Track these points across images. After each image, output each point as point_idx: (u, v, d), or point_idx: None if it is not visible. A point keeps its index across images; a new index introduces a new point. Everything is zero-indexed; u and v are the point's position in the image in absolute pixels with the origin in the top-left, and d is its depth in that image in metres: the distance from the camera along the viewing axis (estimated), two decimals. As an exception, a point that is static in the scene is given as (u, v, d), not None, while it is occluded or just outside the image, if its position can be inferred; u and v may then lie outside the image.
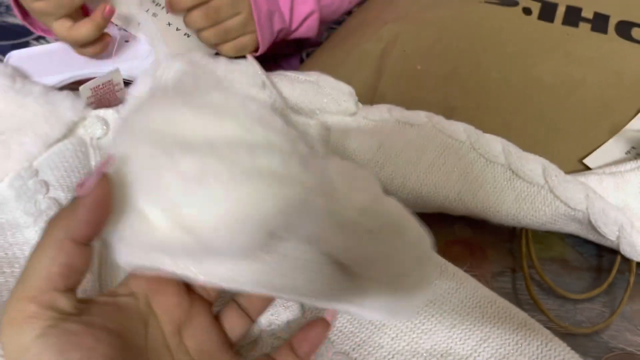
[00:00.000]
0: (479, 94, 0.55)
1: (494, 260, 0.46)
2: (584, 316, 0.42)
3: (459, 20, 0.61)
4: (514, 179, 0.43)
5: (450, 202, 0.44)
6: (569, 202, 0.41)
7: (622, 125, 0.51)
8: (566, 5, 0.62)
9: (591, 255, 0.47)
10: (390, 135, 0.48)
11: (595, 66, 0.55)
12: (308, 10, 0.64)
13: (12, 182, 0.40)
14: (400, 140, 0.47)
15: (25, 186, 0.40)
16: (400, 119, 0.48)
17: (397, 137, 0.47)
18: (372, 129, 0.49)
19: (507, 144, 0.45)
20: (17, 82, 0.45)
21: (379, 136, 0.48)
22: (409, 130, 0.47)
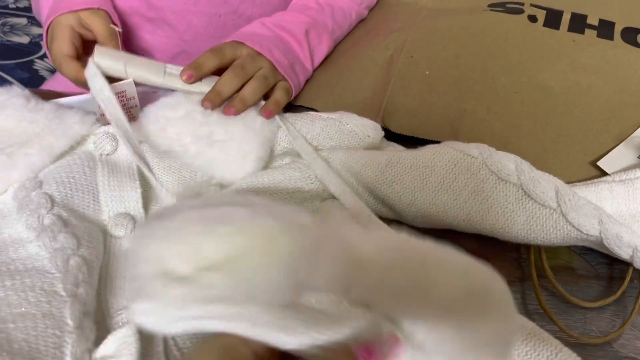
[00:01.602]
0: (489, 98, 0.55)
1: (501, 270, 0.45)
2: (593, 325, 0.42)
3: (464, 28, 0.61)
4: (525, 200, 0.43)
5: (459, 223, 0.44)
6: (582, 228, 0.41)
7: (630, 131, 0.51)
8: (571, 13, 0.62)
9: (598, 263, 0.46)
10: (396, 149, 0.48)
11: (601, 72, 0.55)
12: (326, 50, 0.64)
13: (16, 193, 0.40)
14: (409, 156, 0.47)
15: (28, 197, 0.40)
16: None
17: (406, 153, 0.47)
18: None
19: (520, 162, 0.44)
20: (32, 101, 0.46)
21: (387, 153, 0.48)
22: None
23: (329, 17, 0.64)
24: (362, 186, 0.48)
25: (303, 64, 0.60)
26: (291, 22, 0.60)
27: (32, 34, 1.29)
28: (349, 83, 0.59)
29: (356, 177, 0.48)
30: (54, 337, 0.28)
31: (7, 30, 1.18)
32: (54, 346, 0.28)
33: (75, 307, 0.31)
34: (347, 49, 0.66)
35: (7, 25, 1.19)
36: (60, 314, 0.29)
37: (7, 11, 1.33)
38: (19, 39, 1.16)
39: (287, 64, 0.56)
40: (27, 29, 1.30)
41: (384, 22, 0.67)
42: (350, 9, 0.67)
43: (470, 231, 0.45)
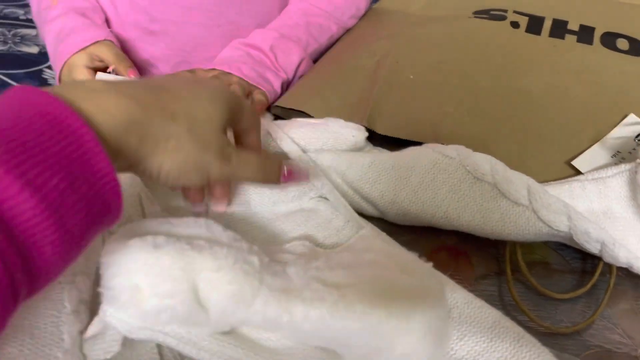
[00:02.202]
0: (469, 101, 0.57)
1: (479, 264, 0.48)
2: (564, 316, 0.44)
3: (448, 34, 0.64)
4: (499, 198, 0.45)
5: (438, 220, 0.47)
6: (552, 225, 0.43)
7: (605, 133, 0.53)
8: (553, 19, 0.64)
9: (572, 258, 0.48)
10: (381, 152, 0.50)
11: (579, 76, 0.57)
12: (297, 59, 0.68)
13: None
14: (390, 158, 0.49)
15: None
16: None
17: (388, 154, 0.50)
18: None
19: (495, 162, 0.47)
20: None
21: (370, 154, 0.50)
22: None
23: (303, 32, 0.69)
24: (348, 185, 0.50)
25: (275, 72, 0.65)
26: (259, 38, 0.67)
27: (41, 44, 1.34)
28: (337, 87, 0.62)
29: (342, 177, 0.50)
30: (52, 317, 0.31)
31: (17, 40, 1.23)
32: (52, 325, 0.31)
33: (73, 293, 0.34)
34: (336, 55, 0.68)
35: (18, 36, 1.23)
36: (58, 298, 0.32)
37: (17, 22, 1.37)
38: (28, 49, 1.21)
39: (256, 74, 0.63)
40: (37, 40, 1.35)
41: (372, 30, 0.70)
42: (329, 23, 0.72)
43: (448, 228, 0.48)
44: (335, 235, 0.46)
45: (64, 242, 0.24)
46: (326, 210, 0.49)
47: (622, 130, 0.53)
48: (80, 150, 0.25)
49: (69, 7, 0.63)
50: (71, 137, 0.25)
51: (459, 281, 0.45)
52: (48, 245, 0.24)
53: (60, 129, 0.25)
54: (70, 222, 0.24)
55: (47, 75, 1.23)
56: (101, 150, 0.26)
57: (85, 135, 0.25)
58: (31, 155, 0.23)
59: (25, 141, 0.23)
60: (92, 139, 0.25)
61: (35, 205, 0.23)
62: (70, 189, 0.24)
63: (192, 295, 0.31)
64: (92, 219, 0.26)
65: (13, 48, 1.20)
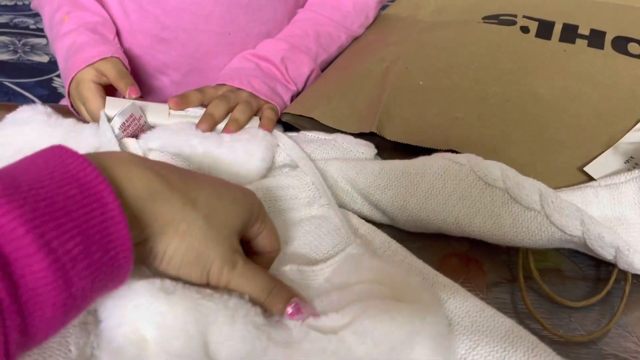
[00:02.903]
0: (479, 106, 0.57)
1: (491, 271, 0.47)
2: (578, 324, 0.43)
3: (457, 40, 0.64)
4: (511, 203, 0.44)
5: (449, 226, 0.46)
6: (565, 229, 0.42)
7: (618, 137, 0.53)
8: (563, 23, 0.64)
9: (586, 265, 0.48)
10: (391, 160, 0.50)
11: (590, 80, 0.57)
12: (307, 71, 0.68)
13: None
14: (400, 164, 0.49)
15: None
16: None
17: (398, 161, 0.50)
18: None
19: (506, 168, 0.46)
20: (52, 118, 0.51)
21: (380, 161, 0.50)
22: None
23: (313, 42, 0.69)
24: (357, 192, 0.50)
25: (285, 85, 0.65)
26: (269, 50, 0.67)
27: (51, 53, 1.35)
28: (346, 93, 0.61)
29: (351, 184, 0.50)
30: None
31: (27, 50, 1.24)
32: (59, 335, 0.30)
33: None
34: (345, 61, 0.68)
35: (28, 45, 1.25)
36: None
37: (27, 32, 1.39)
38: (39, 58, 1.22)
39: (267, 88, 0.62)
40: (47, 49, 1.36)
41: (381, 36, 0.70)
42: (338, 32, 0.71)
43: (459, 234, 0.47)
44: (344, 243, 0.46)
45: (66, 305, 0.25)
46: (336, 217, 0.49)
47: (635, 136, 0.52)
48: (102, 216, 0.25)
49: (79, 22, 0.64)
50: (96, 203, 0.25)
51: (471, 289, 0.44)
52: (50, 307, 0.24)
53: (88, 194, 0.25)
54: (75, 286, 0.25)
55: (56, 84, 1.25)
56: (123, 219, 0.26)
57: (111, 203, 0.26)
58: (55, 217, 0.24)
59: (52, 202, 0.24)
60: (116, 208, 0.26)
61: (47, 266, 0.23)
62: (84, 253, 0.25)
63: (203, 351, 0.29)
64: (98, 285, 0.26)
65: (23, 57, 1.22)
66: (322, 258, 0.45)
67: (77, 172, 0.26)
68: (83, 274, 0.25)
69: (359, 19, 0.73)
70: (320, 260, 0.44)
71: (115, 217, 0.26)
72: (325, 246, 0.46)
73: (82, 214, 0.25)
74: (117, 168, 0.29)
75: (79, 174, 0.26)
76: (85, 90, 0.58)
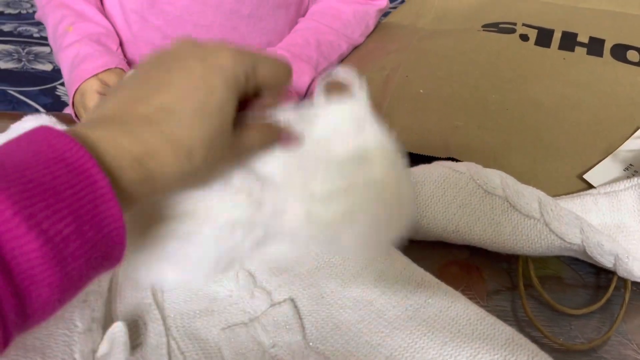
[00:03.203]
0: (480, 114, 0.57)
1: (491, 279, 0.48)
2: (579, 332, 0.44)
3: (458, 48, 0.64)
4: (510, 211, 0.45)
5: (449, 234, 0.47)
6: (564, 237, 0.43)
7: (617, 145, 0.53)
8: (562, 31, 0.64)
9: (586, 273, 0.48)
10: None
11: (590, 88, 0.57)
12: (308, 79, 0.68)
13: None
14: None
15: None
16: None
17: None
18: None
19: (505, 176, 0.46)
20: (57, 127, 0.51)
21: None
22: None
23: (314, 50, 0.69)
24: (358, 201, 0.50)
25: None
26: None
27: (54, 61, 1.36)
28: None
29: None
30: (64, 337, 0.32)
31: (31, 58, 1.25)
32: (64, 344, 0.31)
33: (85, 311, 0.34)
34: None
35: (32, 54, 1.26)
36: (70, 317, 0.33)
37: (31, 40, 1.40)
38: (42, 67, 1.23)
39: None
40: (50, 57, 1.37)
41: (382, 44, 0.70)
42: (339, 41, 0.71)
43: (460, 242, 0.47)
44: (346, 251, 0.46)
45: (62, 285, 0.24)
46: None
47: (634, 143, 0.52)
48: (92, 195, 0.25)
49: (83, 33, 0.65)
50: (85, 182, 0.25)
51: (471, 296, 0.44)
52: (46, 288, 0.24)
53: (75, 174, 0.25)
54: (70, 265, 0.24)
55: (60, 92, 1.25)
56: (113, 197, 0.26)
57: (100, 181, 0.25)
58: (43, 198, 0.24)
59: (40, 183, 0.24)
60: (106, 186, 0.25)
61: (40, 247, 0.23)
62: (76, 233, 0.24)
63: None
64: (93, 264, 0.26)
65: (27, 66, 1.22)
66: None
67: (63, 152, 0.25)
68: (77, 253, 0.25)
69: (360, 27, 0.74)
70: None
71: (106, 195, 0.25)
72: (326, 254, 0.46)
73: (71, 194, 0.24)
74: (105, 139, 0.27)
75: (66, 154, 0.25)
76: (89, 100, 0.59)
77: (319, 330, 0.39)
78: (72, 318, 0.33)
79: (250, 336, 0.39)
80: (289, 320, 0.39)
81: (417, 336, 0.38)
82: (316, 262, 0.45)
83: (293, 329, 0.39)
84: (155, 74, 0.31)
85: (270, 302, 0.41)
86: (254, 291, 0.42)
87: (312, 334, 0.39)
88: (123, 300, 0.41)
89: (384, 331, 0.39)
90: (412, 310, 0.40)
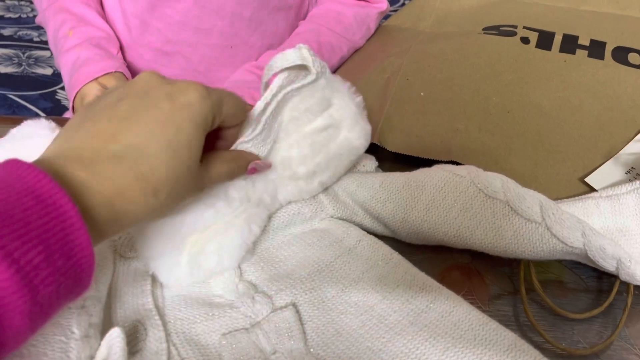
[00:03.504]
0: (481, 117, 0.57)
1: (493, 283, 0.47)
2: (581, 337, 0.43)
3: (458, 51, 0.64)
4: (512, 215, 0.45)
5: (450, 239, 0.46)
6: (566, 241, 0.42)
7: (619, 148, 0.53)
8: (563, 34, 0.64)
9: (588, 277, 0.48)
10: (391, 173, 0.51)
11: (591, 91, 0.57)
12: None
13: None
14: (401, 177, 0.49)
15: None
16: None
17: (398, 174, 0.50)
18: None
19: (506, 179, 0.46)
20: (56, 132, 0.51)
21: (380, 174, 0.50)
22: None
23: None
24: (358, 205, 0.50)
25: None
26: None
27: (55, 66, 1.36)
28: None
29: (352, 197, 0.50)
30: (60, 343, 0.31)
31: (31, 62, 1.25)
32: (60, 350, 0.31)
33: (82, 317, 0.34)
34: (346, 72, 0.69)
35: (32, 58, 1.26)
36: (67, 324, 0.32)
37: (31, 44, 1.40)
38: (42, 71, 1.23)
39: None
40: (51, 61, 1.37)
41: (382, 47, 0.70)
42: (340, 44, 0.71)
43: (461, 247, 0.47)
44: (347, 254, 0.46)
45: (32, 313, 0.25)
46: (337, 229, 0.49)
47: (636, 146, 0.52)
48: (62, 224, 0.26)
49: (84, 37, 0.65)
50: (54, 212, 0.26)
51: (473, 301, 0.44)
52: (17, 316, 0.24)
53: (45, 205, 0.25)
54: (40, 293, 0.25)
55: (60, 97, 1.25)
56: (82, 225, 0.26)
57: (69, 211, 0.26)
58: (14, 230, 0.24)
59: (9, 215, 0.24)
60: (75, 215, 0.26)
61: (11, 276, 0.23)
62: (46, 262, 0.25)
63: None
64: (62, 291, 0.26)
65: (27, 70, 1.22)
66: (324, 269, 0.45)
67: (32, 184, 0.26)
68: (48, 280, 0.25)
69: (361, 30, 0.73)
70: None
71: (75, 224, 0.26)
72: (328, 257, 0.46)
73: (41, 224, 0.25)
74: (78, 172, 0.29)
75: (35, 186, 0.26)
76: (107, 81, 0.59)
77: (320, 336, 0.39)
78: (69, 324, 0.33)
79: (251, 342, 0.38)
80: (291, 326, 0.39)
81: (418, 342, 0.37)
82: (317, 265, 0.45)
83: (295, 336, 0.38)
84: (124, 109, 0.32)
85: (271, 306, 0.41)
86: (254, 296, 0.42)
87: (313, 339, 0.39)
88: (123, 305, 0.41)
89: (385, 337, 0.38)
90: (414, 315, 0.39)
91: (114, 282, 0.42)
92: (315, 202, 0.50)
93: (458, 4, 0.75)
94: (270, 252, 0.46)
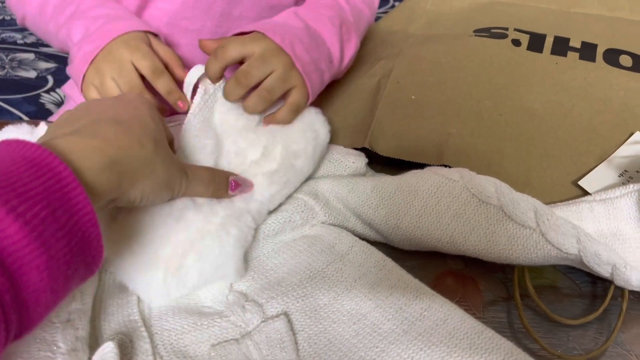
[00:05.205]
0: (473, 121, 0.56)
1: (487, 290, 0.47)
2: (576, 343, 0.43)
3: (449, 53, 0.63)
4: (506, 221, 0.44)
5: (444, 245, 0.46)
6: (561, 247, 0.42)
7: (612, 151, 0.52)
8: (554, 36, 0.63)
9: (582, 282, 0.47)
10: (383, 176, 0.50)
11: (583, 94, 0.57)
12: (354, 48, 0.61)
13: None
14: (393, 181, 0.48)
15: None
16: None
17: (390, 179, 0.49)
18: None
19: (500, 184, 0.45)
20: (35, 132, 0.49)
21: (372, 178, 0.50)
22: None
23: (350, 15, 0.62)
24: (350, 211, 0.49)
25: (332, 60, 0.56)
26: (324, 14, 0.57)
27: (39, 68, 1.33)
28: (338, 108, 0.61)
29: (343, 203, 0.49)
30: (46, 359, 0.30)
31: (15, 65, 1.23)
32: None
33: (68, 331, 0.33)
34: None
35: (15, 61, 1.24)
36: (52, 339, 0.31)
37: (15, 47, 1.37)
38: (26, 74, 1.20)
39: (309, 59, 0.52)
40: (34, 64, 1.34)
41: (373, 50, 0.69)
42: (362, 9, 0.65)
43: (454, 252, 0.46)
44: (340, 261, 0.45)
45: (49, 268, 0.26)
46: (329, 236, 0.48)
47: (629, 149, 0.52)
48: (59, 184, 0.27)
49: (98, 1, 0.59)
50: (50, 173, 0.27)
51: (467, 308, 0.44)
52: (34, 269, 0.25)
53: (41, 167, 0.27)
54: (53, 248, 0.26)
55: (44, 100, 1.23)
56: (78, 184, 0.28)
57: (63, 172, 0.28)
58: (14, 188, 0.26)
59: (9, 177, 0.26)
60: (69, 175, 0.28)
61: (19, 229, 0.24)
62: (52, 217, 0.26)
63: None
64: (74, 250, 0.27)
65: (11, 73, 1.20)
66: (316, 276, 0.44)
67: (29, 154, 0.27)
68: (57, 235, 0.26)
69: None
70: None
71: (71, 184, 0.28)
72: (320, 264, 0.45)
73: (39, 183, 0.26)
74: (68, 145, 0.31)
75: (32, 155, 0.27)
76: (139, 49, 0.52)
77: (312, 346, 0.38)
78: (54, 340, 0.31)
79: (241, 354, 0.37)
80: (282, 337, 0.38)
81: (413, 351, 0.36)
82: (308, 272, 0.44)
83: (287, 348, 0.37)
84: (94, 106, 0.39)
85: (262, 315, 0.40)
86: (245, 304, 0.41)
87: (306, 350, 0.38)
88: (107, 317, 0.39)
89: (379, 346, 0.37)
90: (408, 323, 0.39)
91: (98, 294, 0.41)
92: (306, 208, 0.49)
93: (449, 6, 0.74)
94: (261, 261, 0.45)
